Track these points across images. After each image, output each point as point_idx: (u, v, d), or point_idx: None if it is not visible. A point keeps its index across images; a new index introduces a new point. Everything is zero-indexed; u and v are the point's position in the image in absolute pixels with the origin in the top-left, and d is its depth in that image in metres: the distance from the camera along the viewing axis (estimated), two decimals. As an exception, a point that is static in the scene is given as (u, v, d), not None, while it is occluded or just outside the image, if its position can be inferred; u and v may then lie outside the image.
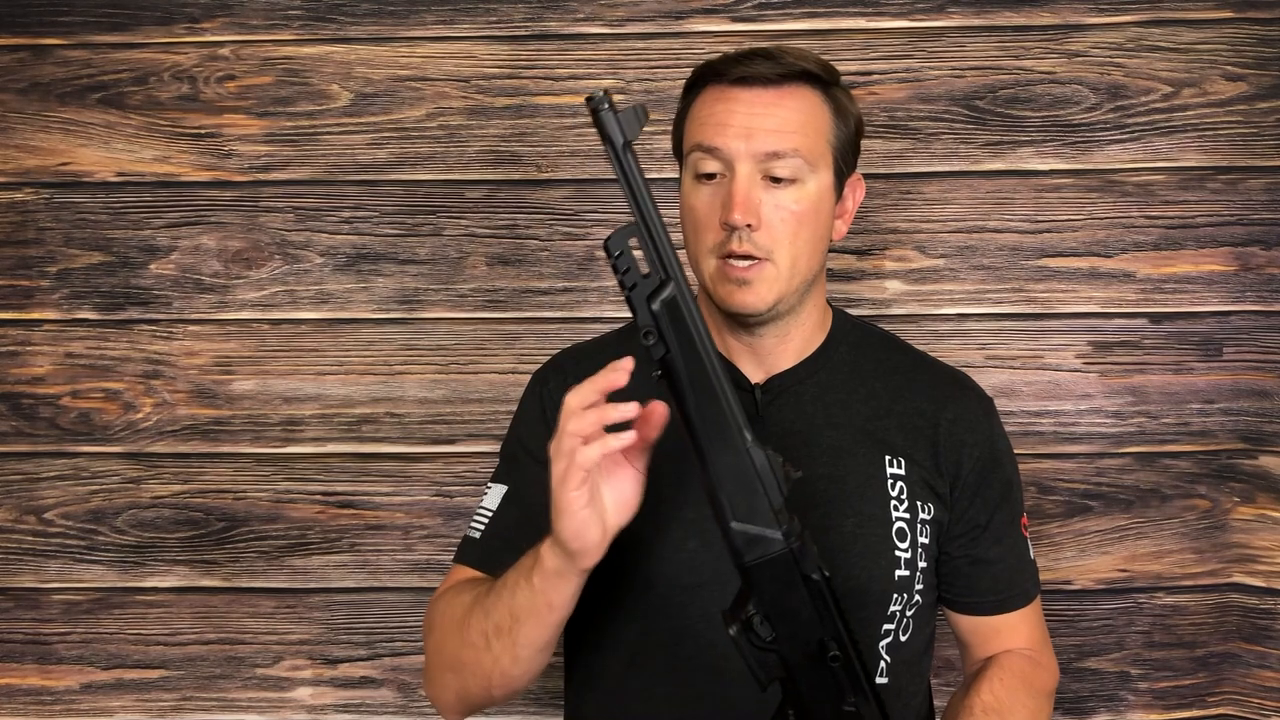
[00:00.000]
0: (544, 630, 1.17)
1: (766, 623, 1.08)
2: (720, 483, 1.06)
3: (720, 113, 1.24)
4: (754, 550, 1.07)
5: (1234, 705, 1.74)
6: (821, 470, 1.28)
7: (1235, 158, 1.70)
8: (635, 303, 1.04)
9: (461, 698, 1.27)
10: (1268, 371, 1.71)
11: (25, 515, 1.78)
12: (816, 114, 1.26)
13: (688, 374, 1.05)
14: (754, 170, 1.23)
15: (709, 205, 1.25)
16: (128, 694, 1.79)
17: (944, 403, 1.33)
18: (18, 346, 1.77)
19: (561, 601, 1.15)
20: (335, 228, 1.75)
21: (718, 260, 1.24)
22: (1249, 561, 1.73)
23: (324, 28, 1.74)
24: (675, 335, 1.04)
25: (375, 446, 1.76)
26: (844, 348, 1.35)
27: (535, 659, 1.20)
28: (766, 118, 1.23)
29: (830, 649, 1.09)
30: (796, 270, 1.25)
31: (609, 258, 1.04)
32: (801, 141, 1.24)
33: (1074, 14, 1.70)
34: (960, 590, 1.35)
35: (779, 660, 1.09)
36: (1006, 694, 1.31)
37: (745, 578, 1.09)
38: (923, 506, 1.30)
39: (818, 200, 1.25)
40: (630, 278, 1.04)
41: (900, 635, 1.29)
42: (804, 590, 1.08)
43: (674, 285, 1.04)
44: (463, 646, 1.23)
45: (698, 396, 1.05)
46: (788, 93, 1.25)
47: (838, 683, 1.10)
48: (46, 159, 1.76)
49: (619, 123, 1.03)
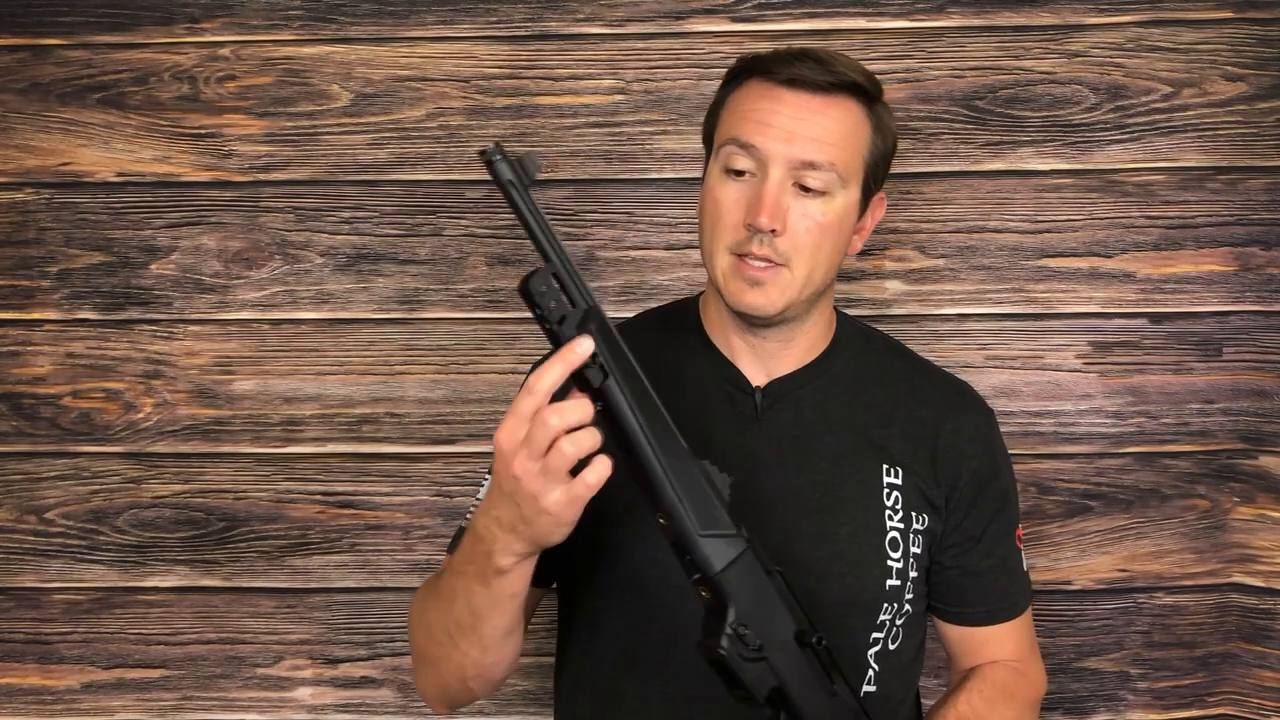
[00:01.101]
0: (508, 617, 1.16)
1: (750, 629, 1.08)
2: (680, 498, 1.06)
3: (763, 110, 1.23)
4: (723, 556, 1.07)
5: (1234, 705, 1.74)
6: (818, 477, 1.28)
7: (1235, 158, 1.70)
8: (564, 337, 1.03)
9: (442, 691, 1.27)
10: (1268, 371, 1.71)
11: (26, 515, 1.78)
12: (858, 129, 1.25)
13: (631, 394, 1.04)
14: (786, 176, 1.21)
15: (734, 202, 1.23)
16: (128, 694, 1.79)
17: (945, 413, 1.33)
18: (18, 346, 1.77)
19: (522, 586, 1.14)
20: (335, 228, 1.75)
21: (733, 257, 1.23)
22: (1249, 561, 1.73)
23: (324, 28, 1.74)
24: (612, 359, 1.04)
25: (375, 446, 1.76)
26: (847, 354, 1.34)
27: (504, 645, 1.19)
28: (810, 125, 1.22)
29: (809, 637, 1.10)
30: (811, 281, 1.24)
31: (530, 299, 1.03)
32: (839, 155, 1.22)
33: (1074, 14, 1.70)
34: (950, 600, 1.35)
35: (769, 668, 1.09)
36: (984, 705, 1.31)
37: (718, 589, 1.08)
38: (917, 517, 1.29)
39: (844, 215, 1.24)
40: (556, 312, 1.03)
41: (889, 644, 1.29)
42: (771, 586, 1.09)
43: (596, 314, 1.04)
44: (430, 644, 1.23)
45: (643, 415, 1.05)
46: (834, 103, 1.23)
47: (824, 669, 1.11)
48: (47, 159, 1.76)
49: (514, 168, 1.02)
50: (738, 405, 1.30)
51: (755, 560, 1.08)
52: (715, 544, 1.07)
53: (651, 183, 1.73)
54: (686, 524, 1.06)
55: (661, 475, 1.06)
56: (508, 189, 1.02)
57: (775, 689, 1.10)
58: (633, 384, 1.05)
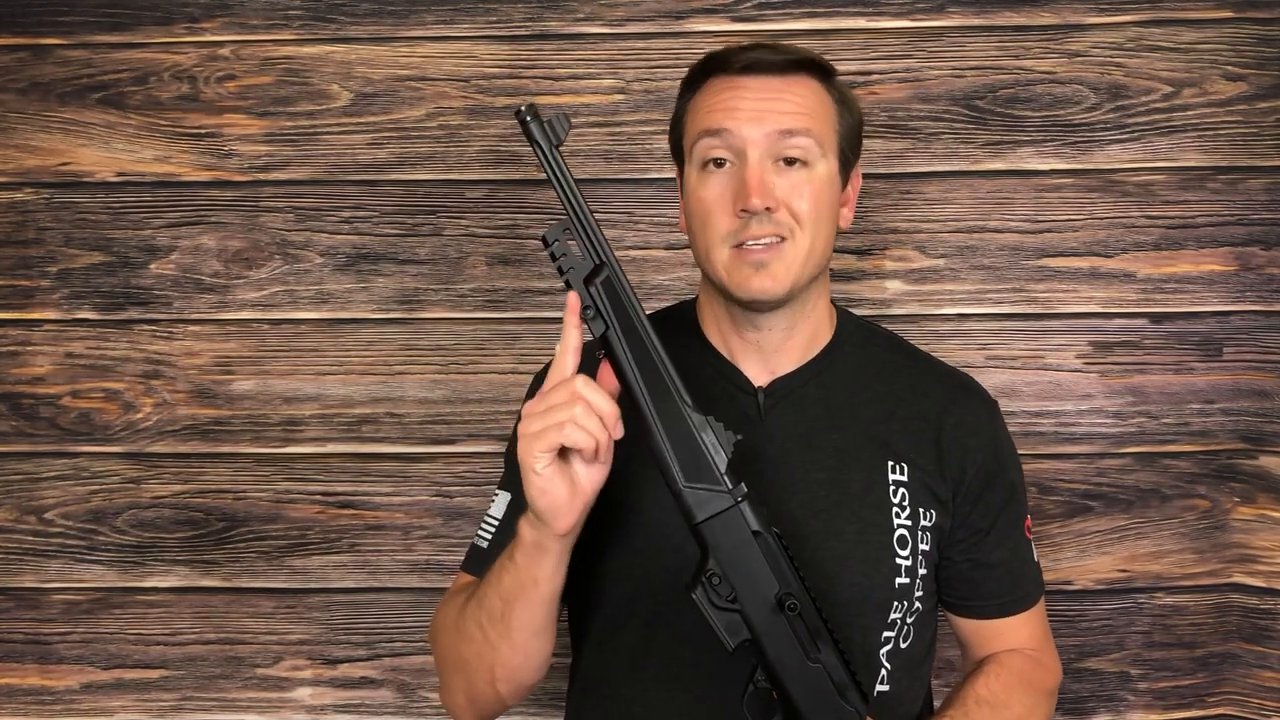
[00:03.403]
0: (534, 610, 1.17)
1: (725, 581, 1.13)
2: (668, 447, 1.12)
3: (728, 99, 1.24)
4: (705, 509, 1.13)
5: (1234, 705, 1.74)
6: (824, 475, 1.27)
7: (1235, 158, 1.70)
8: (574, 284, 1.12)
9: (471, 699, 1.26)
10: (1268, 371, 1.71)
11: (25, 515, 1.78)
12: (824, 102, 1.26)
13: (628, 347, 1.12)
14: (765, 155, 1.22)
15: (719, 194, 1.23)
16: (128, 694, 1.79)
17: (948, 406, 1.32)
18: (18, 346, 1.77)
19: (545, 575, 1.16)
20: (335, 228, 1.75)
21: (731, 249, 1.23)
22: (1249, 561, 1.73)
23: (324, 28, 1.74)
24: (613, 311, 1.12)
25: (375, 446, 1.76)
26: (848, 349, 1.34)
27: (531, 644, 1.20)
28: (777, 101, 1.23)
29: (788, 601, 1.12)
30: (813, 253, 1.24)
31: (546, 248, 1.13)
32: (813, 123, 1.24)
33: (1074, 14, 1.70)
34: (963, 594, 1.35)
35: (742, 620, 1.13)
36: (1002, 689, 1.30)
37: (699, 538, 1.13)
38: (924, 513, 1.29)
39: (828, 184, 1.25)
40: (567, 262, 1.12)
41: (901, 642, 1.28)
42: (754, 545, 1.13)
43: (609, 269, 1.12)
44: (461, 642, 1.23)
45: (638, 368, 1.12)
46: (795, 81, 1.25)
47: (799, 637, 1.13)
48: (46, 159, 1.76)
49: (545, 129, 1.11)
50: (740, 406, 1.30)
51: (740, 518, 1.12)
52: (699, 495, 1.12)
53: (651, 183, 1.73)
54: (672, 473, 1.12)
55: (651, 423, 1.12)
56: (534, 147, 1.11)
57: (749, 641, 1.13)
58: (630, 336, 1.12)
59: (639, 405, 1.12)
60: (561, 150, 1.11)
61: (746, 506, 1.13)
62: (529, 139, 1.11)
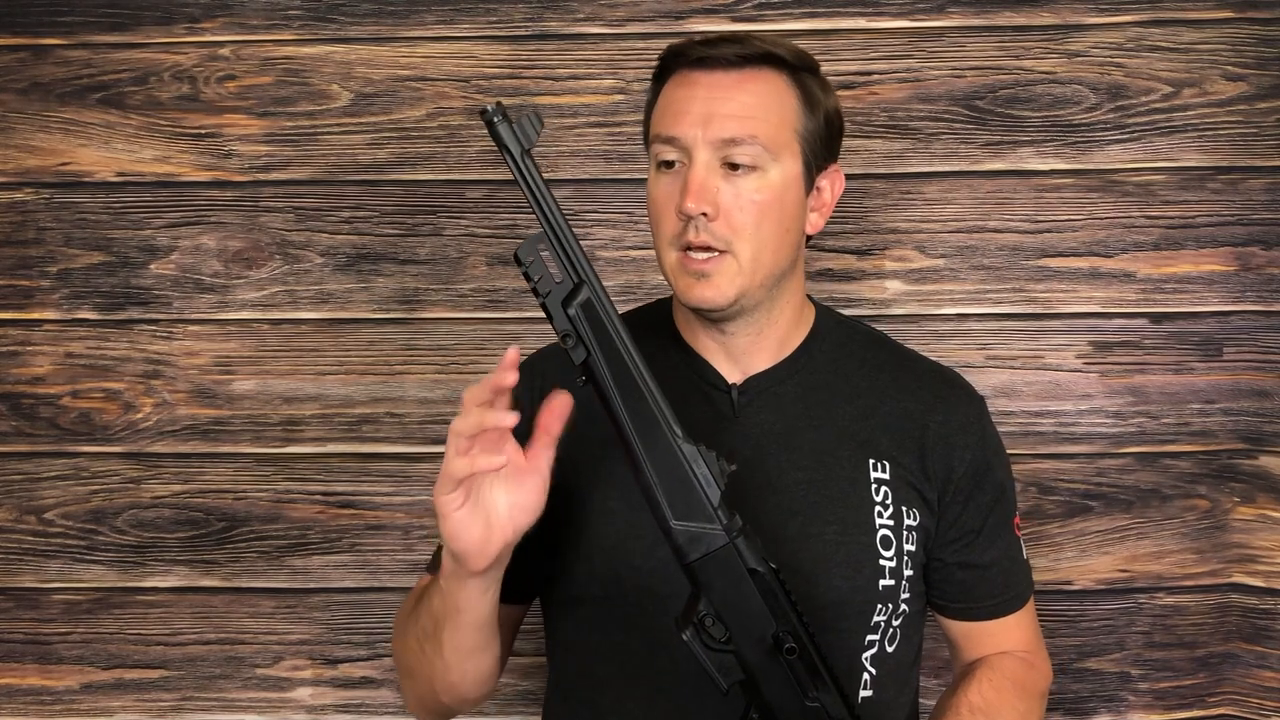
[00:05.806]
0: (462, 634, 1.14)
1: (719, 622, 1.07)
2: (656, 482, 1.06)
3: (681, 100, 1.21)
4: (697, 548, 1.06)
5: (1234, 705, 1.74)
6: (802, 475, 1.24)
7: (1235, 158, 1.70)
8: (550, 309, 1.05)
9: (421, 702, 1.26)
10: (1268, 371, 1.71)
11: (25, 515, 1.78)
12: (780, 99, 1.21)
13: (611, 374, 1.05)
14: (712, 158, 1.18)
15: (667, 194, 1.20)
16: (128, 694, 1.79)
17: (933, 404, 1.28)
18: (18, 346, 1.77)
19: (468, 605, 1.12)
20: (335, 228, 1.75)
21: (677, 253, 1.20)
22: (1249, 562, 1.73)
23: (324, 28, 1.74)
24: (594, 337, 1.05)
25: (375, 446, 1.76)
26: (826, 345, 1.30)
27: (465, 664, 1.17)
28: (726, 102, 1.19)
29: (785, 642, 1.07)
30: (760, 264, 1.20)
31: (519, 267, 1.04)
32: (762, 128, 1.19)
33: (1074, 14, 1.70)
34: (954, 596, 1.32)
35: (736, 661, 1.08)
36: (995, 695, 1.27)
37: (692, 577, 1.08)
38: (908, 512, 1.25)
39: (782, 190, 1.20)
40: (544, 285, 1.04)
41: (886, 646, 1.25)
42: (751, 584, 1.07)
43: (588, 288, 1.05)
44: (404, 650, 1.23)
45: (623, 396, 1.05)
46: (750, 76, 1.20)
47: (797, 677, 1.08)
48: (46, 159, 1.76)
49: (514, 132, 1.03)
50: (714, 403, 1.26)
51: (735, 555, 1.07)
52: (690, 533, 1.06)
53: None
54: (661, 510, 1.06)
55: (637, 456, 1.06)
56: (504, 152, 1.02)
57: (746, 682, 1.09)
58: (614, 363, 1.05)
59: (625, 437, 1.06)
60: (533, 153, 1.04)
61: (742, 542, 1.07)
62: (497, 143, 1.03)
